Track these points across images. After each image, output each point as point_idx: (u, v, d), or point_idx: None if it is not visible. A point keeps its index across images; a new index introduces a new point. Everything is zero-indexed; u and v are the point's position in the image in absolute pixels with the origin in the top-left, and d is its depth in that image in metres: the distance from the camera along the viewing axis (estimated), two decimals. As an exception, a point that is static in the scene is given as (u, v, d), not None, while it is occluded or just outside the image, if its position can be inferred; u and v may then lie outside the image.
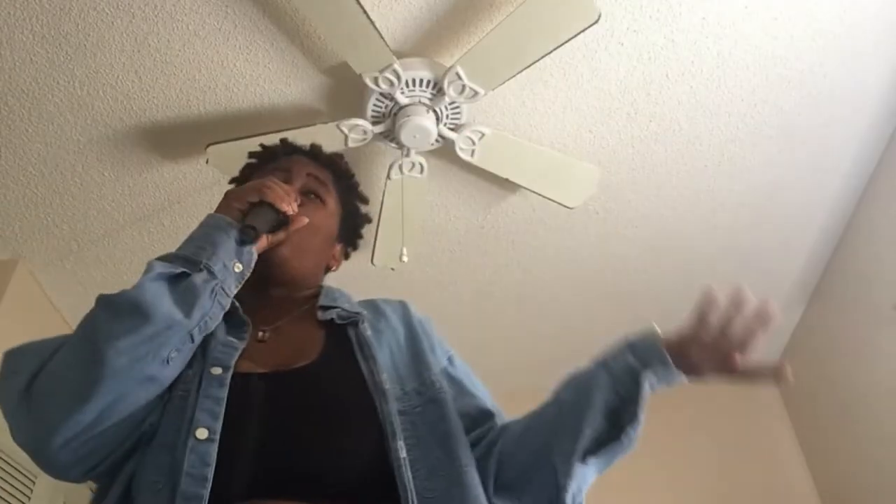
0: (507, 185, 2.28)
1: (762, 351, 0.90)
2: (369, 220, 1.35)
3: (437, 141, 2.00)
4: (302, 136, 1.96)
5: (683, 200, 2.42)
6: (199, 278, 0.91)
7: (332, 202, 1.20)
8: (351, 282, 2.81)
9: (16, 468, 2.25)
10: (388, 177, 2.10)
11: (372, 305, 1.13)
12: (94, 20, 1.82)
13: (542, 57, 1.79)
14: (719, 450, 2.98)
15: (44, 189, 2.21)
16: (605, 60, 2.01)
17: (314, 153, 1.24)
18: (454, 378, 1.06)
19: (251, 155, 1.27)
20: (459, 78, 1.83)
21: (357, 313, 1.05)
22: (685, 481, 2.89)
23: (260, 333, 1.02)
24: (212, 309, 0.91)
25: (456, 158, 2.08)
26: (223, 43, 1.90)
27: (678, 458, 2.94)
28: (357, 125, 1.96)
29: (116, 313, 0.86)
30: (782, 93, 2.13)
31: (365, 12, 1.68)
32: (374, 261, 2.29)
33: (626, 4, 1.88)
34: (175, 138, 2.11)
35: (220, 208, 1.04)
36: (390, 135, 2.00)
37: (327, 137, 1.98)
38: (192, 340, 0.90)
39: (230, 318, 0.99)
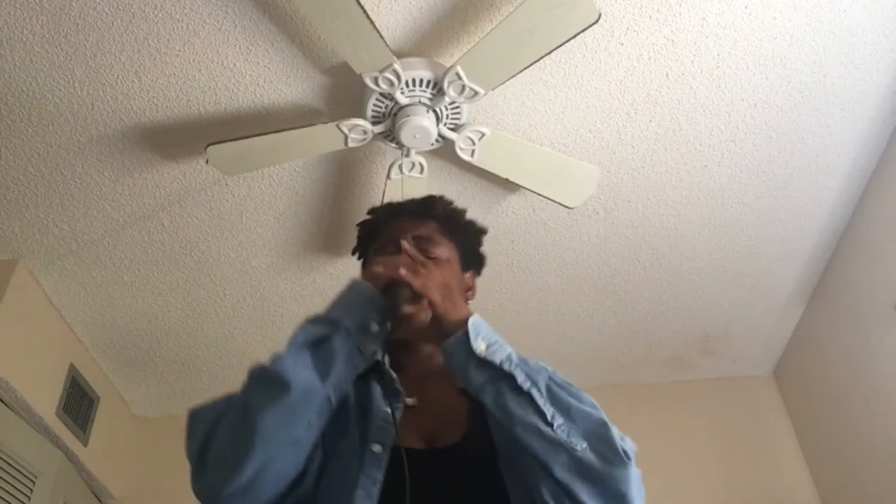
0: (507, 185, 2.28)
1: (762, 351, 0.90)
2: (485, 232, 1.38)
3: (437, 141, 2.00)
4: (302, 136, 1.98)
5: (683, 200, 2.42)
6: (337, 341, 1.01)
7: (446, 249, 1.25)
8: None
9: (16, 468, 2.25)
10: (388, 177, 2.10)
11: None
12: (94, 20, 1.82)
13: (542, 57, 1.79)
14: (719, 450, 2.98)
15: (44, 189, 2.21)
16: (605, 60, 2.01)
17: (411, 210, 1.29)
18: None
19: (360, 226, 1.34)
20: (459, 78, 1.83)
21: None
22: (684, 481, 2.89)
23: (408, 400, 1.10)
24: (346, 374, 1.01)
25: (456, 158, 2.08)
26: (223, 43, 1.90)
27: (677, 459, 2.94)
28: (357, 125, 1.96)
29: (265, 387, 0.97)
30: (782, 93, 2.13)
31: (365, 12, 1.68)
32: (374, 261, 2.29)
33: (625, 4, 1.88)
34: (175, 138, 2.11)
35: (365, 275, 1.13)
36: (390, 135, 2.00)
37: (327, 137, 1.98)
38: (331, 402, 1.00)
39: (385, 386, 1.10)
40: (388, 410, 1.07)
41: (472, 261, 1.31)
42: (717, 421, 3.05)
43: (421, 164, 2.08)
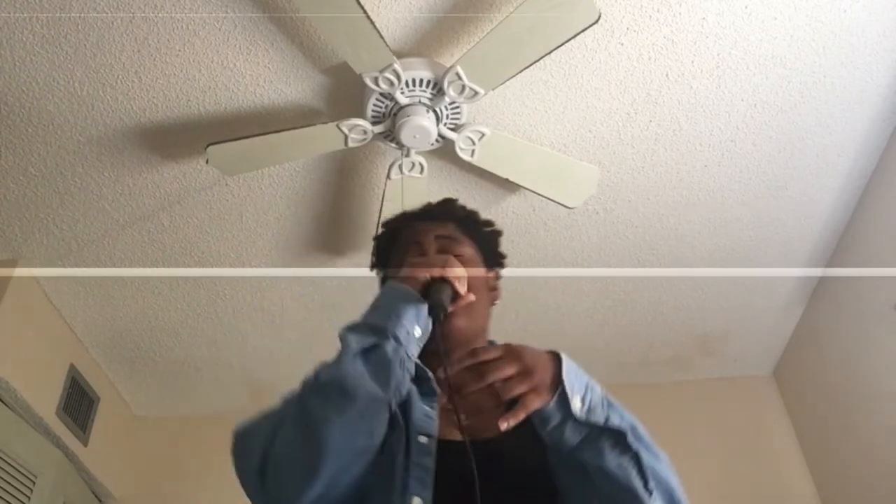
0: (507, 185, 2.28)
1: (762, 351, 0.90)
2: (500, 233, 1.35)
3: (437, 141, 2.00)
4: (302, 136, 1.97)
5: (683, 200, 2.42)
6: (388, 348, 1.00)
7: (468, 248, 1.24)
8: (353, 283, 2.82)
9: (16, 468, 2.25)
10: (388, 177, 2.10)
11: None
12: (94, 20, 1.82)
13: (542, 57, 1.79)
14: (718, 450, 2.98)
15: (44, 189, 2.21)
16: (605, 60, 2.01)
17: (430, 214, 1.28)
18: None
19: (378, 239, 1.32)
20: (459, 78, 1.83)
21: None
22: (684, 481, 2.88)
23: (442, 399, 1.09)
24: (402, 379, 1.01)
25: (456, 158, 2.08)
26: (223, 43, 1.90)
27: (677, 459, 2.92)
28: (357, 125, 1.96)
29: (327, 397, 0.95)
30: (782, 93, 2.13)
31: (365, 12, 1.68)
32: (374, 261, 2.29)
33: (625, 4, 1.88)
34: (175, 138, 2.11)
35: (402, 279, 1.10)
36: (390, 135, 2.00)
37: (327, 137, 1.98)
38: (391, 409, 0.99)
39: (421, 386, 1.08)
40: (427, 407, 1.06)
41: (494, 260, 1.30)
42: (717, 421, 3.05)
43: (421, 164, 2.08)
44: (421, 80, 1.89)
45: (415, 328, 1.03)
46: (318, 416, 0.93)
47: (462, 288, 1.08)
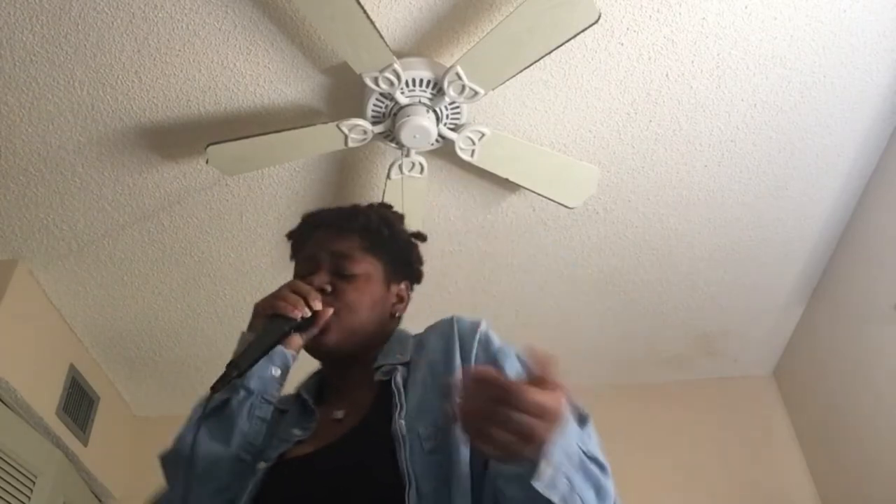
0: (507, 185, 2.28)
1: (762, 351, 0.90)
2: (419, 239, 1.32)
3: (437, 141, 2.00)
4: (302, 136, 1.97)
5: (683, 200, 2.42)
6: (236, 401, 1.04)
7: (366, 264, 1.19)
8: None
9: (16, 468, 2.25)
10: (388, 177, 2.10)
11: (418, 339, 1.14)
12: (94, 20, 1.82)
13: (542, 57, 1.79)
14: (718, 450, 2.98)
15: (44, 189, 2.21)
16: (605, 60, 2.01)
17: (333, 223, 1.23)
18: None
19: (289, 236, 1.29)
20: (459, 78, 1.83)
21: (394, 364, 1.07)
22: (684, 481, 2.89)
23: (337, 413, 1.08)
24: (251, 427, 1.04)
25: (456, 158, 2.08)
26: (223, 43, 1.90)
27: (677, 459, 2.94)
28: (357, 125, 1.96)
29: (173, 465, 1.06)
30: (782, 93, 2.13)
31: (365, 12, 1.68)
32: (374, 261, 2.29)
33: (625, 4, 1.88)
34: (175, 138, 2.11)
35: (250, 323, 1.12)
36: (390, 135, 2.00)
37: (327, 137, 1.98)
38: (243, 460, 1.03)
39: (302, 410, 1.10)
40: (295, 430, 1.06)
41: (403, 272, 1.26)
42: (717, 421, 3.05)
43: (421, 164, 2.08)
44: (421, 80, 1.89)
45: (269, 370, 1.06)
46: (169, 482, 1.08)
47: (298, 312, 1.06)
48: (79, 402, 2.64)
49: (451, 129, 2.01)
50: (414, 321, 1.24)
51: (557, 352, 0.93)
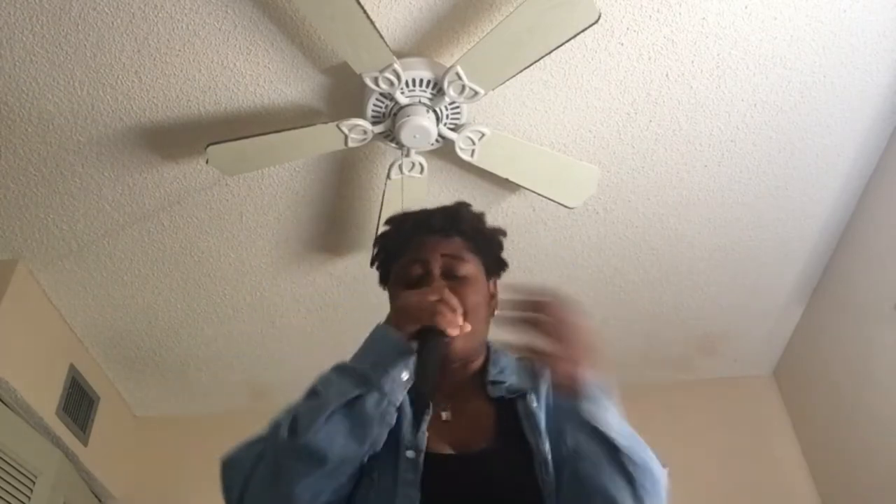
0: (507, 185, 2.28)
1: (762, 351, 0.91)
2: (504, 233, 1.30)
3: (437, 141, 2.00)
4: (302, 136, 1.97)
5: (683, 200, 2.42)
6: (371, 401, 1.00)
7: (472, 266, 1.20)
8: (353, 283, 2.82)
9: (16, 468, 2.25)
10: (388, 177, 2.10)
11: (526, 365, 1.17)
12: (94, 20, 1.82)
13: (542, 57, 1.79)
14: (719, 450, 2.98)
15: (44, 189, 2.21)
16: (605, 60, 2.01)
17: (438, 227, 1.23)
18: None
19: (382, 239, 1.28)
20: (459, 78, 1.83)
21: (522, 389, 1.11)
22: (684, 481, 2.88)
23: (443, 414, 1.11)
24: (380, 432, 1.02)
25: (456, 158, 2.08)
26: (223, 43, 1.90)
27: (676, 458, 2.93)
28: (357, 125, 1.96)
29: (299, 458, 0.98)
30: (782, 93, 2.13)
31: (365, 12, 1.68)
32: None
33: (625, 4, 1.88)
34: (175, 138, 2.11)
35: (393, 320, 1.10)
36: (390, 135, 2.00)
37: (327, 137, 1.98)
38: (364, 462, 1.02)
39: (416, 399, 1.09)
40: (419, 425, 1.07)
41: (495, 268, 1.28)
42: (717, 421, 3.05)
43: (421, 164, 2.08)
44: (421, 80, 1.89)
45: (402, 374, 1.03)
46: (287, 472, 0.98)
47: (455, 329, 1.05)
48: (79, 402, 2.64)
49: (451, 129, 2.01)
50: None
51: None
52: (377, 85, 1.86)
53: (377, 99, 1.92)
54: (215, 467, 1.07)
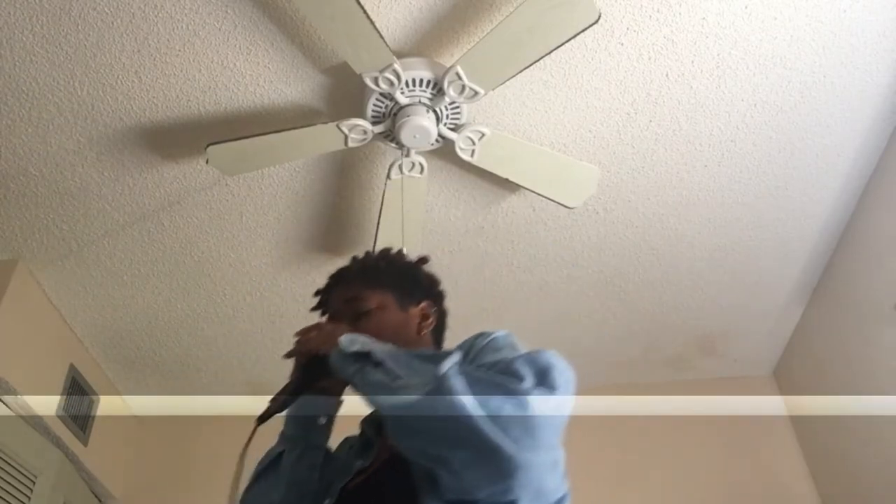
0: (507, 185, 2.28)
1: (762, 351, 0.90)
2: (421, 262, 1.42)
3: (437, 141, 2.00)
4: (302, 136, 1.97)
5: (683, 200, 2.42)
6: (288, 455, 1.20)
7: (375, 298, 1.29)
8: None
9: (16, 468, 2.25)
10: (388, 177, 2.10)
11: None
12: (94, 20, 1.82)
13: (542, 57, 1.79)
14: (718, 450, 2.98)
15: (44, 189, 2.21)
16: (605, 60, 2.01)
17: (338, 279, 1.37)
18: None
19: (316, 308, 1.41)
20: (459, 78, 1.83)
21: None
22: (684, 481, 2.89)
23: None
24: (300, 474, 1.18)
25: (456, 158, 2.08)
26: (223, 43, 1.90)
27: (677, 458, 2.94)
28: (357, 125, 1.96)
29: None
30: (782, 93, 2.13)
31: (365, 12, 1.68)
32: (374, 261, 2.29)
33: (625, 4, 1.88)
34: (175, 138, 2.11)
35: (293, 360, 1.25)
36: (390, 135, 2.00)
37: (327, 137, 1.98)
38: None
39: (364, 441, 1.20)
40: (358, 462, 1.17)
41: (416, 293, 1.34)
42: (716, 421, 3.05)
43: (421, 164, 2.08)
44: (421, 80, 1.89)
45: (315, 419, 1.21)
46: None
47: (325, 345, 1.13)
48: (79, 402, 2.64)
49: (451, 129, 2.01)
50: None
51: (558, 351, 0.95)
52: (377, 85, 1.86)
53: (377, 99, 1.92)
54: (215, 467, 1.09)
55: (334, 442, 1.29)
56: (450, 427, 0.89)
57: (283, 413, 1.18)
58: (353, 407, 1.18)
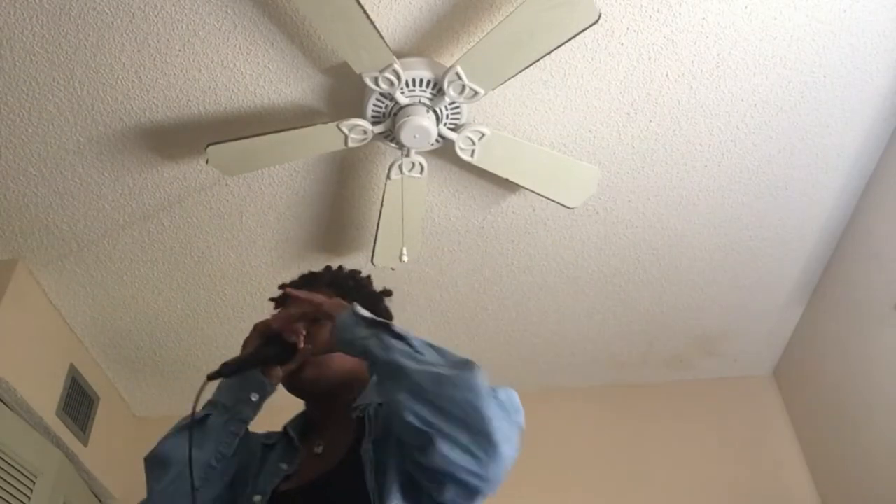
0: (507, 185, 2.28)
1: (762, 351, 0.90)
2: (388, 294, 1.45)
3: (437, 141, 2.00)
4: (302, 136, 1.97)
5: (683, 200, 2.42)
6: (215, 416, 1.23)
7: None
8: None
9: (16, 468, 2.25)
10: (388, 177, 2.10)
11: None
12: (94, 20, 1.82)
13: (542, 57, 1.79)
14: (719, 450, 2.98)
15: (44, 189, 2.21)
16: (605, 60, 2.01)
17: (311, 280, 1.41)
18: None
19: (275, 303, 1.43)
20: (459, 78, 1.83)
21: (369, 403, 1.18)
22: (684, 481, 2.89)
23: (315, 448, 1.23)
24: (224, 439, 1.22)
25: (456, 158, 2.08)
26: (223, 43, 1.90)
27: (677, 459, 2.94)
28: (357, 125, 1.96)
29: (150, 467, 1.26)
30: (782, 93, 2.13)
31: (365, 12, 1.68)
32: (374, 261, 2.30)
33: (625, 4, 1.88)
34: (175, 138, 2.11)
35: (246, 340, 1.29)
36: (390, 135, 2.00)
37: (327, 137, 1.98)
38: (213, 466, 1.21)
39: (287, 446, 1.25)
40: (283, 465, 1.21)
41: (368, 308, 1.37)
42: (717, 421, 3.05)
43: (421, 164, 2.08)
44: (421, 80, 1.89)
45: (248, 394, 1.23)
46: (148, 481, 1.24)
47: (299, 341, 1.21)
48: (79, 402, 2.64)
49: (451, 129, 2.01)
50: (415, 322, 1.26)
51: (558, 352, 0.95)
52: (377, 85, 1.86)
53: (377, 99, 1.92)
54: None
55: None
56: (460, 404, 0.99)
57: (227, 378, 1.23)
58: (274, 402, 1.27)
